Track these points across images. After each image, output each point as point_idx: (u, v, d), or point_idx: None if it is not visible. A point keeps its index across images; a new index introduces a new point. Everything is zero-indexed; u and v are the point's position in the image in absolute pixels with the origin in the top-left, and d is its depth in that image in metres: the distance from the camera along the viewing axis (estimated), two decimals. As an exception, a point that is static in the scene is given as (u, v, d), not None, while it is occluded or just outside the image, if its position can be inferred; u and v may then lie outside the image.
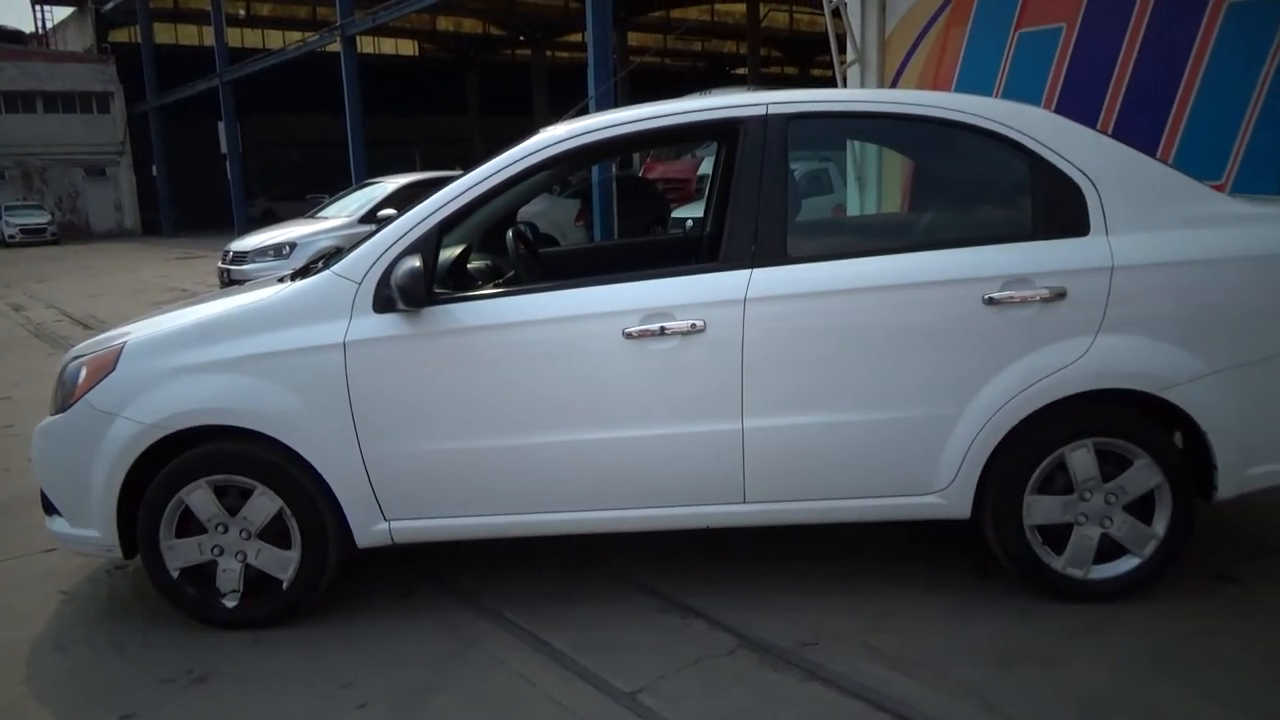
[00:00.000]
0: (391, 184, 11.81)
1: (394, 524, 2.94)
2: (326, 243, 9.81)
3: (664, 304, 2.82)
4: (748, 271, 2.82)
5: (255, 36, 36.91)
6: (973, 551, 3.20)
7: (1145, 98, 7.85)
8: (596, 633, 2.90)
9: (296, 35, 30.17)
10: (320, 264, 3.14)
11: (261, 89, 28.50)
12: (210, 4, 25.81)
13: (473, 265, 3.53)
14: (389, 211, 9.05)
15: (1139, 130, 7.69)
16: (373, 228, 3.20)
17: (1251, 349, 2.79)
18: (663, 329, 2.79)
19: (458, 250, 3.30)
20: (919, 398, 2.83)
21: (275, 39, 35.64)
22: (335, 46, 19.59)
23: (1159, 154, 7.08)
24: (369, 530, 2.94)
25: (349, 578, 3.25)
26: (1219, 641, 2.67)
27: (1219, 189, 3.33)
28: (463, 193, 2.91)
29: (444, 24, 38.80)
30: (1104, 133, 3.08)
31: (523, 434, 2.86)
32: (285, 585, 2.97)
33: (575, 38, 35.33)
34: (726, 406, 2.83)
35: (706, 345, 2.80)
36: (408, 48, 41.96)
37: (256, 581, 2.99)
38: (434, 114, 39.54)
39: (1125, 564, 2.89)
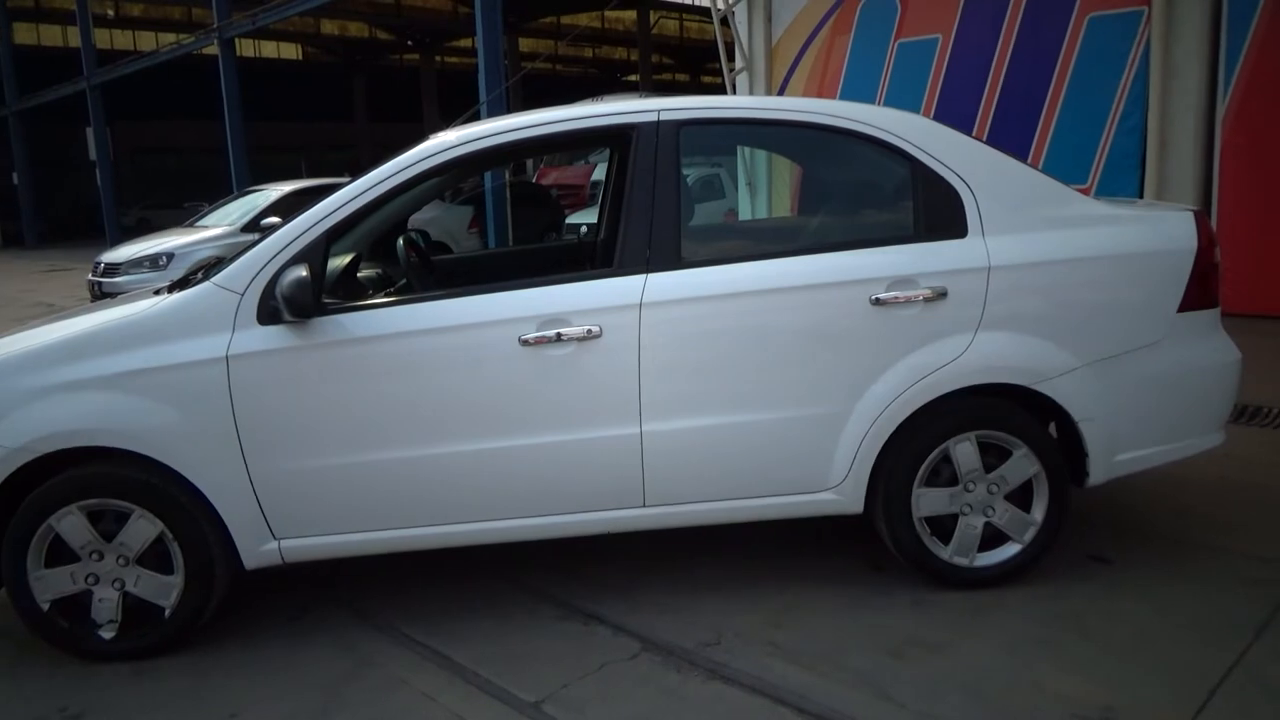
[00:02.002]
0: (275, 191, 11.44)
1: (284, 543, 2.84)
2: (206, 253, 9.45)
3: (560, 310, 2.81)
4: (643, 276, 2.84)
5: (126, 38, 35.21)
6: (866, 545, 3.29)
7: (1016, 105, 8.26)
8: (498, 644, 2.86)
9: (171, 37, 28.92)
10: (200, 275, 3.02)
11: (134, 93, 27.20)
12: (75, 3, 24.52)
13: (363, 274, 3.45)
14: (273, 220, 8.78)
15: (1011, 136, 8.09)
16: (256, 237, 3.09)
17: (1116, 343, 2.95)
18: (559, 335, 2.78)
19: (347, 259, 3.21)
20: (811, 397, 2.90)
21: (148, 41, 34.08)
22: (213, 49, 18.88)
23: (1030, 159, 7.44)
24: (257, 550, 2.84)
25: (239, 600, 3.13)
26: (1091, 618, 2.82)
27: (1085, 191, 3.52)
28: (351, 200, 2.84)
29: (328, 27, 37.81)
30: (979, 139, 3.22)
31: (418, 445, 2.81)
32: (168, 613, 2.83)
33: (465, 43, 34.93)
34: (624, 411, 2.84)
35: (603, 351, 2.81)
36: (291, 51, 40.72)
37: (136, 610, 2.84)
38: (320, 120, 38.47)
39: (1007, 550, 3.02)
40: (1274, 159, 6.96)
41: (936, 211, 2.96)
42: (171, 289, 3.02)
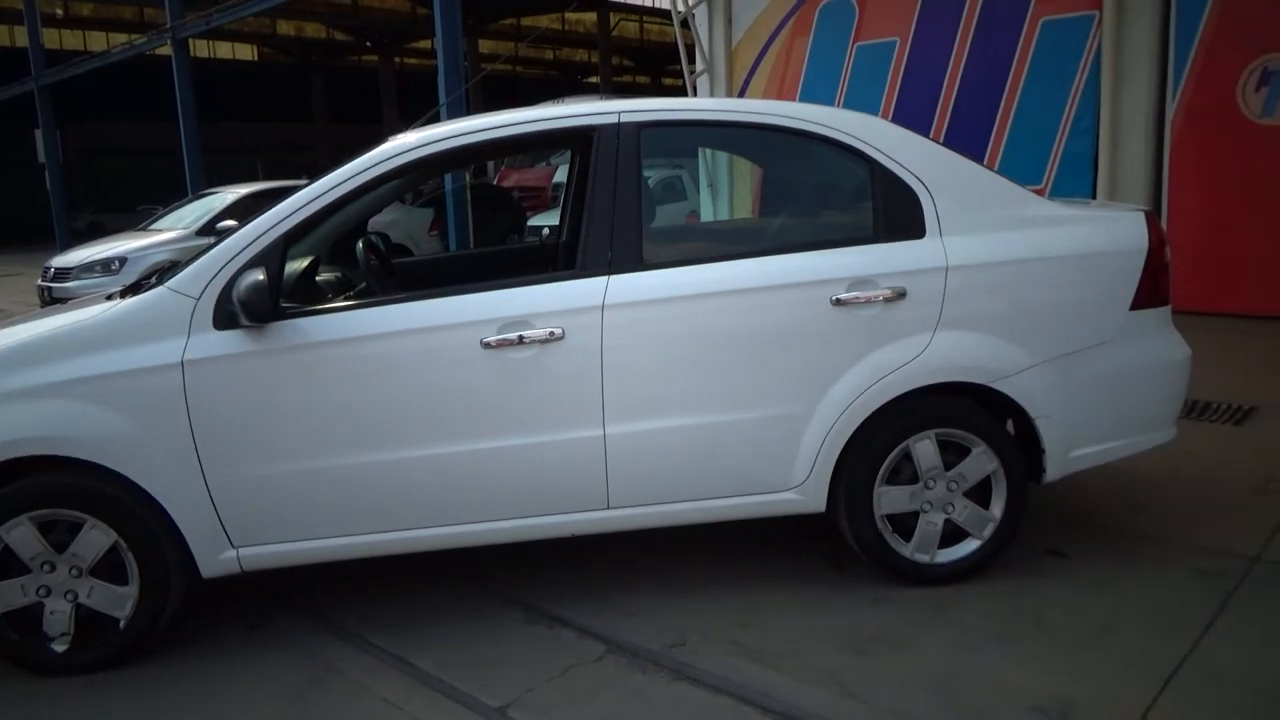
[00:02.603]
0: (232, 194, 11.27)
1: (243, 551, 2.80)
2: (160, 257, 9.28)
3: (522, 313, 2.80)
4: (605, 278, 2.84)
5: (76, 38, 34.48)
6: (829, 543, 3.32)
7: (972, 107, 8.38)
8: (463, 649, 2.84)
9: (123, 37, 28.37)
10: (153, 279, 2.96)
11: (85, 94, 26.63)
12: (22, 3, 23.95)
13: (321, 278, 3.41)
14: (229, 223, 8.64)
15: (967, 137, 8.20)
16: (212, 240, 3.04)
17: (1070, 341, 3.01)
18: (521, 338, 2.77)
19: (305, 262, 3.17)
20: (773, 398, 2.91)
21: (99, 41, 33.41)
22: (166, 50, 18.55)
23: (985, 160, 7.56)
24: (215, 559, 2.79)
25: (197, 609, 3.07)
26: (1049, 612, 2.87)
27: (1039, 192, 3.57)
28: (309, 202, 2.80)
29: (285, 28, 37.32)
30: (937, 140, 3.26)
31: (379, 450, 2.78)
32: (123, 624, 2.78)
33: (424, 44, 34.70)
34: (588, 413, 2.83)
35: (566, 353, 2.80)
36: (246, 52, 40.14)
37: (90, 622, 2.78)
38: (277, 121, 37.95)
39: (967, 546, 3.06)
40: (1221, 160, 7.14)
41: (895, 212, 2.99)
42: (124, 294, 2.96)
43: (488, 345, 2.77)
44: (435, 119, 7.95)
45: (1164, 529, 3.43)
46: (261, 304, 2.61)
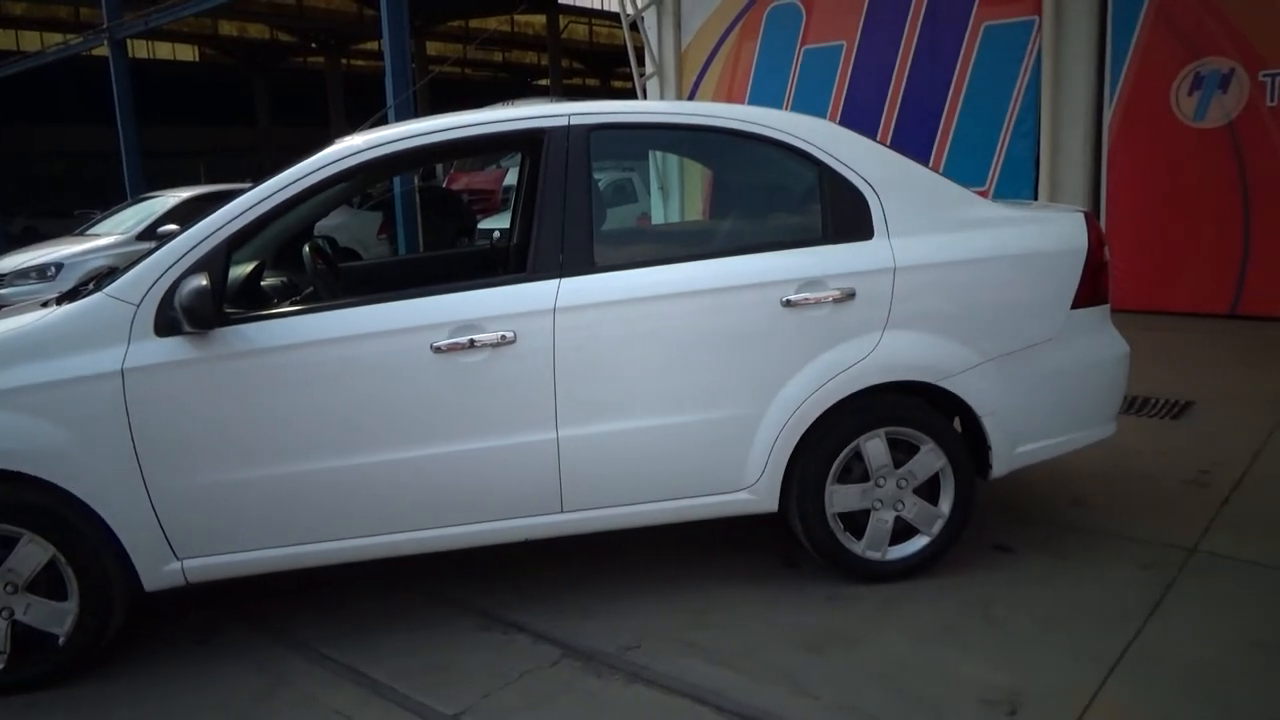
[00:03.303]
0: (173, 198, 11.03)
1: (187, 563, 2.74)
2: (98, 263, 9.06)
3: (473, 316, 2.78)
4: (556, 281, 2.83)
5: (8, 38, 33.50)
6: (782, 542, 3.35)
7: (917, 110, 8.51)
8: (416, 658, 2.81)
9: (58, 37, 27.62)
10: (91, 286, 2.89)
11: (19, 96, 25.91)
12: (-50, 0, 23.19)
13: (267, 283, 3.36)
14: (171, 227, 8.45)
15: (913, 140, 8.32)
16: (153, 245, 2.98)
17: (1015, 339, 3.07)
18: (472, 342, 2.75)
19: (249, 267, 3.12)
20: (726, 399, 2.93)
21: (32, 41, 32.49)
22: (103, 50, 18.09)
23: (931, 162, 7.69)
24: (159, 572, 2.72)
25: (142, 622, 3.00)
26: (997, 606, 2.93)
27: (983, 194, 3.64)
28: (253, 206, 2.75)
29: (227, 29, 36.65)
30: (883, 143, 3.31)
31: (328, 457, 2.74)
32: (62, 641, 2.70)
33: (371, 46, 34.31)
34: (540, 417, 2.82)
35: (518, 357, 2.79)
36: (187, 53, 39.33)
37: (27, 639, 2.69)
38: (220, 124, 37.25)
39: (917, 543, 3.11)
40: (1157, 163, 7.34)
41: (843, 214, 3.02)
42: (61, 300, 2.88)
43: (438, 350, 2.74)
44: (383, 121, 7.87)
45: (1106, 522, 3.52)
46: (204, 310, 2.56)
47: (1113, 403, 3.31)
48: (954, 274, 3.04)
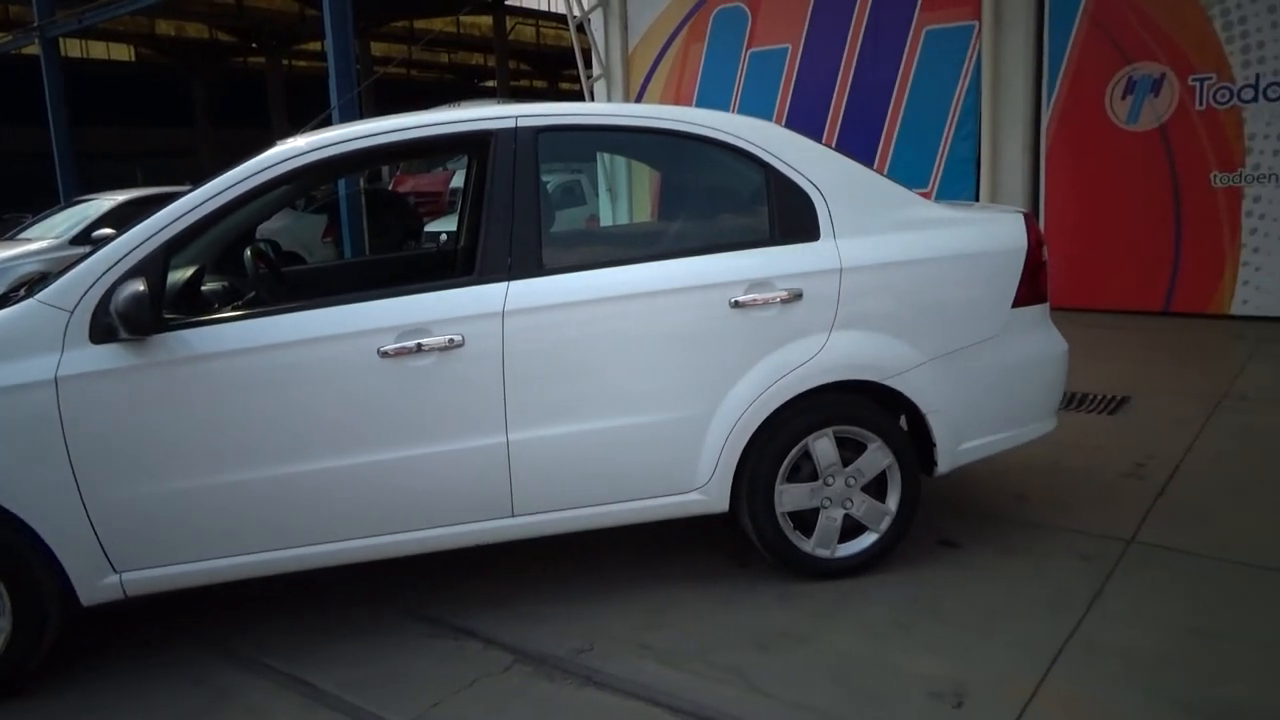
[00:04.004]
0: (108, 201, 10.74)
1: (126, 576, 2.66)
2: (30, 267, 8.77)
3: (420, 320, 2.75)
4: (505, 284, 2.82)
5: (-69, 36, 32.33)
6: (732, 542, 3.36)
7: (862, 113, 8.63)
8: (366, 667, 2.77)
9: (-15, 35, 26.73)
10: (23, 291, 2.80)
11: (-57, 95, 25.01)
12: None
13: (207, 287, 3.28)
14: (106, 231, 8.22)
15: (858, 142, 8.44)
16: (87, 249, 2.89)
17: (958, 338, 3.12)
18: (420, 346, 2.72)
19: (189, 272, 3.05)
20: (676, 400, 2.94)
21: (-43, 39, 31.38)
22: (34, 49, 17.56)
23: (875, 164, 7.80)
24: (96, 586, 2.64)
25: (77, 637, 2.91)
26: (944, 600, 2.98)
27: (926, 195, 3.70)
28: (193, 209, 2.69)
29: (164, 28, 35.78)
30: (829, 145, 3.34)
31: (271, 465, 2.69)
32: (-5, 657, 2.61)
33: (314, 46, 33.76)
34: (490, 421, 2.80)
35: (466, 360, 2.77)
36: (122, 53, 38.32)
37: (-42, 657, 2.61)
38: (157, 125, 36.33)
39: (866, 540, 3.15)
40: (1093, 164, 7.54)
41: (790, 216, 3.05)
42: (-10, 307, 2.79)
43: (385, 354, 2.71)
44: (326, 122, 7.75)
45: (1048, 516, 3.60)
46: (142, 316, 2.49)
47: (1053, 399, 3.39)
48: (898, 274, 3.08)
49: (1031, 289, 3.21)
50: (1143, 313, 7.35)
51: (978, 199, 7.87)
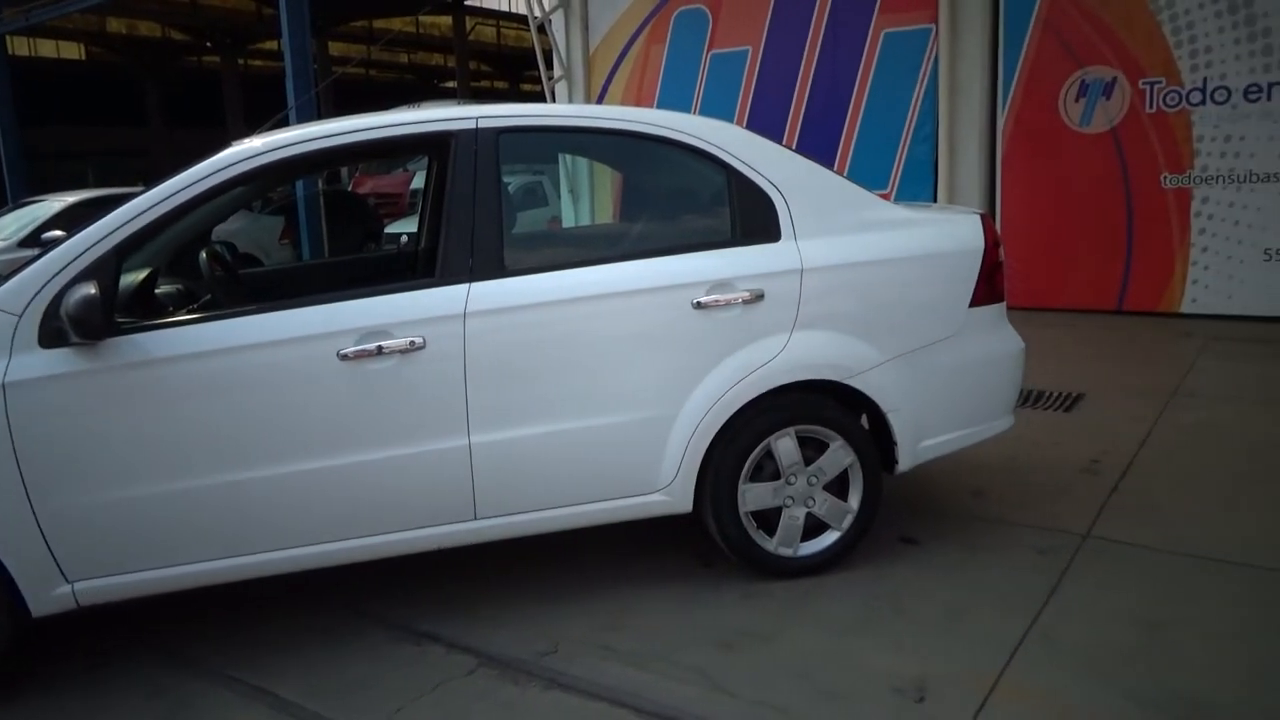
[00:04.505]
0: (58, 202, 10.52)
1: (79, 585, 2.61)
2: (-21, 270, 8.55)
3: (380, 322, 2.72)
4: (466, 286, 2.80)
5: None
6: (696, 542, 3.37)
7: (822, 115, 8.70)
8: (327, 674, 2.74)
9: (-73, 32, 25.99)
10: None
11: (-116, 94, 24.27)
12: None
13: (161, 290, 3.23)
14: (56, 233, 8.04)
15: (818, 144, 8.51)
16: (36, 252, 2.83)
17: (917, 337, 3.16)
18: (380, 348, 2.70)
19: (142, 275, 2.99)
20: (639, 401, 2.94)
21: (-102, 35, 30.52)
22: (-21, 47, 17.13)
23: (835, 166, 7.86)
24: (47, 596, 2.58)
25: (30, 649, 2.84)
26: (905, 597, 3.01)
27: (885, 196, 3.74)
28: (146, 210, 2.64)
29: (115, 26, 35.07)
30: (789, 147, 3.37)
31: (230, 470, 2.65)
32: (-57, 671, 2.55)
33: (271, 45, 33.31)
34: (452, 423, 2.78)
35: (427, 363, 2.74)
36: (72, 51, 37.52)
37: (-97, 671, 2.53)
38: (109, 125, 35.61)
39: (828, 538, 3.17)
40: (1047, 166, 7.67)
41: (751, 217, 3.07)
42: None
43: (345, 357, 2.68)
44: (283, 123, 7.66)
45: (1005, 512, 3.65)
46: (93, 320, 2.44)
47: (1010, 397, 3.44)
48: (859, 274, 3.11)
49: (988, 289, 3.26)
50: (1096, 311, 7.49)
51: (936, 200, 7.97)
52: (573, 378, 2.88)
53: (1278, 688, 2.42)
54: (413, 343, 2.72)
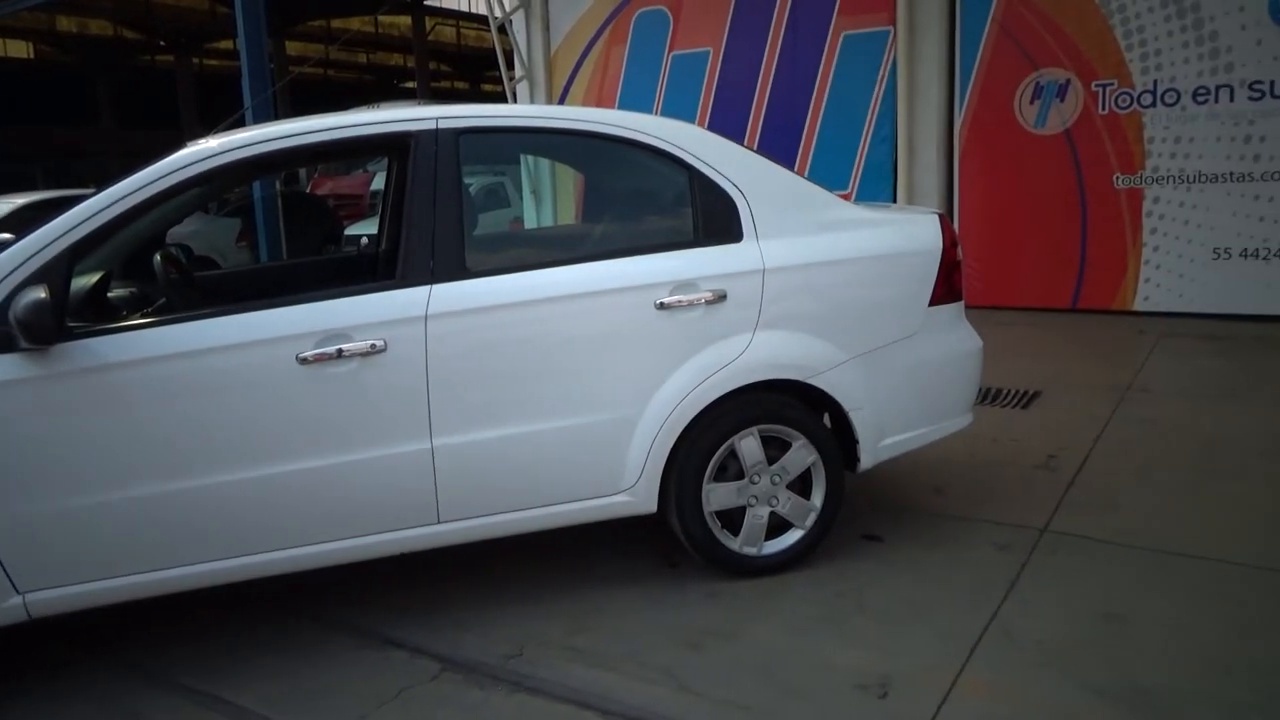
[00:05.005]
0: (6, 204, 10.25)
1: (30, 596, 2.54)
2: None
3: (341, 325, 2.69)
4: (427, 288, 2.78)
5: None
6: (661, 543, 3.38)
7: (782, 116, 8.76)
8: (288, 682, 2.70)
9: None
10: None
11: None
12: None
13: (115, 294, 3.16)
14: (4, 236, 7.86)
15: (778, 145, 8.56)
16: (-18, 255, 2.75)
17: (878, 336, 3.19)
18: (340, 351, 2.67)
19: (95, 278, 2.93)
20: (602, 402, 2.94)
21: None
22: (-78, 44, 16.69)
23: (796, 167, 7.92)
24: (-1, 607, 2.53)
25: (-23, 665, 2.78)
26: (868, 594, 3.04)
27: (846, 197, 3.77)
28: (98, 212, 2.58)
29: (65, 24, 34.34)
30: (750, 148, 3.38)
31: (186, 477, 2.60)
32: (-112, 687, 2.47)
33: (226, 45, 32.83)
34: (414, 426, 2.76)
35: (389, 365, 2.72)
36: (20, 50, 36.66)
37: None
38: (60, 125, 34.86)
39: (791, 537, 3.19)
40: (1003, 167, 7.79)
41: (713, 217, 3.08)
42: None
43: (304, 360, 2.64)
44: (240, 123, 7.54)
45: (965, 508, 3.70)
46: (44, 324, 2.39)
47: (969, 395, 3.49)
48: (820, 274, 3.13)
49: (947, 288, 3.30)
50: (1052, 310, 7.61)
51: (895, 200, 8.05)
52: (536, 380, 2.87)
53: (1232, 679, 2.48)
54: (374, 345, 2.69)
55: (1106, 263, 7.45)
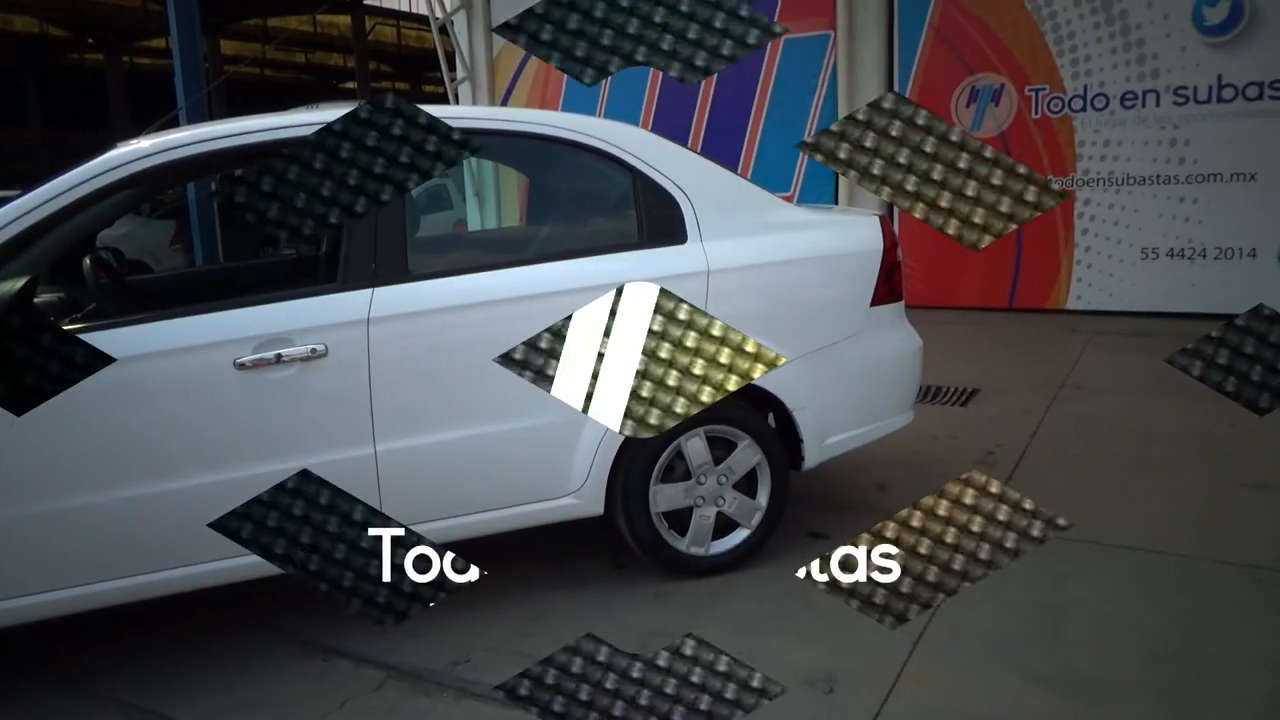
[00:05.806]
0: (-73, 207, 9.86)
1: (-45, 612, 2.45)
2: None
3: (280, 330, 2.64)
4: (369, 291, 2.74)
5: None
6: (608, 545, 3.37)
7: (725, 119, 8.83)
8: (231, 694, 2.65)
9: None
10: None
11: None
12: None
13: (42, 299, 3.06)
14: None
15: (722, 148, 8.62)
16: (-101, 260, 2.64)
17: (821, 336, 3.23)
18: (279, 357, 2.62)
19: (20, 283, 2.83)
20: (547, 405, 2.87)
21: None
22: None
23: (739, 169, 7.97)
24: (-79, 625, 2.43)
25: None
26: (814, 592, 3.04)
27: (788, 199, 3.81)
28: (23, 215, 2.51)
29: (-13, 20, 33.18)
30: (694, 150, 3.40)
31: (121, 487, 2.53)
32: None
33: (159, 43, 32.01)
34: (356, 432, 2.72)
35: (330, 370, 2.67)
36: (-61, 46, 35.29)
37: None
38: (-18, 125, 33.66)
39: (738, 536, 3.21)
40: (940, 169, 7.93)
41: (658, 219, 3.09)
42: None
43: (242, 366, 2.59)
44: (173, 123, 7.36)
45: (907, 505, 3.75)
46: (-34, 331, 2.30)
47: (910, 393, 3.55)
48: (764, 275, 3.16)
49: (888, 288, 3.35)
50: (989, 309, 7.78)
51: (837, 203, 8.16)
52: (480, 383, 2.85)
53: (1168, 667, 2.56)
54: (314, 350, 2.65)
55: (1040, 263, 7.64)
